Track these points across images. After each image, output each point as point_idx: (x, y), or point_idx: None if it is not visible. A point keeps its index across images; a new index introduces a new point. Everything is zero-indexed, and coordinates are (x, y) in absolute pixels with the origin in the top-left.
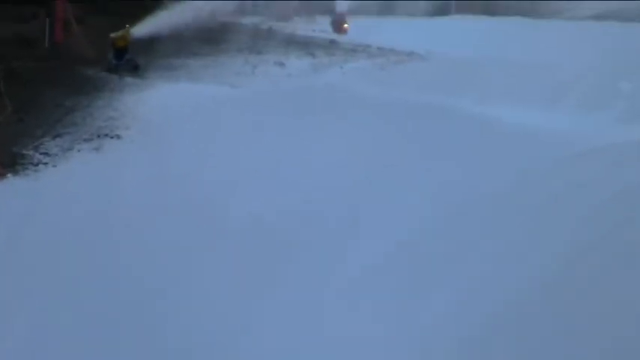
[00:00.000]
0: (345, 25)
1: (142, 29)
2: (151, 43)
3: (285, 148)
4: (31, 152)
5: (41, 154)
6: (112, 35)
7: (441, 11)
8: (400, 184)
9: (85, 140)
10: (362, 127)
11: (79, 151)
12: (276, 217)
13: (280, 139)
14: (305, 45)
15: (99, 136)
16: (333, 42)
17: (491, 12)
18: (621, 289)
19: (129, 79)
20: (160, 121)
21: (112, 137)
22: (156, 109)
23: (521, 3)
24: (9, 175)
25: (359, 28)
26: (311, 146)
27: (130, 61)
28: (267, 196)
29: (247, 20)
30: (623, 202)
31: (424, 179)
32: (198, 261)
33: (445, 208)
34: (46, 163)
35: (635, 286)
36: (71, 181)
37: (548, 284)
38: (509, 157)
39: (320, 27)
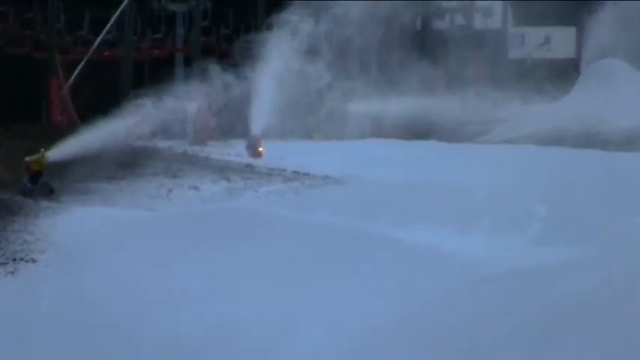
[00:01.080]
0: (261, 149)
1: (57, 153)
2: (66, 166)
3: (198, 273)
4: None
5: None
6: (27, 159)
7: (357, 135)
8: (315, 308)
9: (1, 264)
10: (276, 251)
11: None
12: (187, 342)
13: (193, 263)
14: (220, 169)
15: (14, 260)
16: (248, 166)
17: (406, 136)
18: None
19: (44, 203)
20: (75, 245)
21: (27, 261)
22: (71, 233)
23: (435, 127)
24: None
25: (274, 152)
26: (224, 270)
27: (45, 184)
28: (180, 320)
29: (163, 144)
30: (534, 326)
31: (339, 302)
32: None
33: (360, 331)
34: None
35: None
36: None
37: None
38: (423, 280)
39: (235, 150)
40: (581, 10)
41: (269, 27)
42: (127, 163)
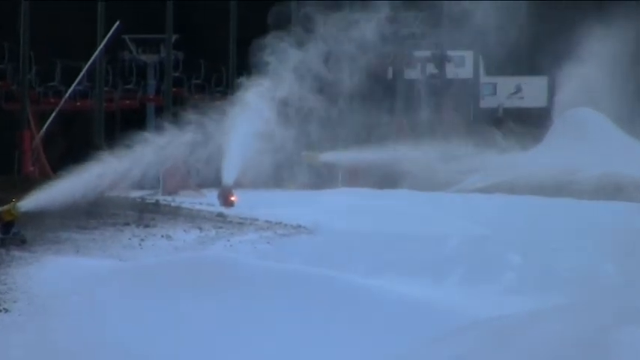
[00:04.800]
0: (233, 198)
1: (29, 203)
2: (38, 216)
3: (170, 322)
4: None
5: None
6: None
7: (329, 184)
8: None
9: None
10: (248, 300)
11: None
12: None
13: (165, 314)
14: (192, 218)
15: None
16: (220, 215)
17: (378, 184)
18: None
19: (16, 253)
20: (48, 294)
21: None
22: (43, 282)
23: (406, 176)
24: None
25: (247, 201)
26: (196, 320)
27: (17, 234)
28: None
29: (135, 194)
30: None
31: (311, 352)
32: None
33: None
34: None
35: None
36: None
37: None
38: (396, 329)
39: (207, 200)
40: (553, 60)
41: (240, 77)
42: (99, 213)
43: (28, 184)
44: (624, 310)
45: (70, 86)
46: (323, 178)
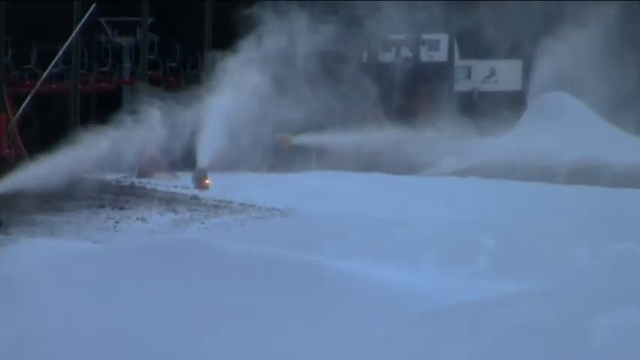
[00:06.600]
0: (207, 181)
1: (4, 185)
2: (13, 199)
3: (143, 304)
4: None
5: None
6: None
7: (302, 167)
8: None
9: None
10: (222, 282)
11: None
12: None
13: (139, 296)
14: (167, 201)
15: None
16: (194, 198)
17: (351, 167)
18: None
19: None
20: (22, 276)
21: None
22: (18, 264)
23: (382, 159)
24: None
25: (221, 184)
26: (170, 303)
27: None
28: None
29: (110, 176)
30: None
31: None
32: None
33: None
34: None
35: None
36: None
37: None
38: (369, 313)
39: (182, 183)
40: (528, 44)
41: (215, 61)
42: (74, 196)
43: (3, 167)
44: (598, 295)
45: (45, 69)
46: (296, 160)
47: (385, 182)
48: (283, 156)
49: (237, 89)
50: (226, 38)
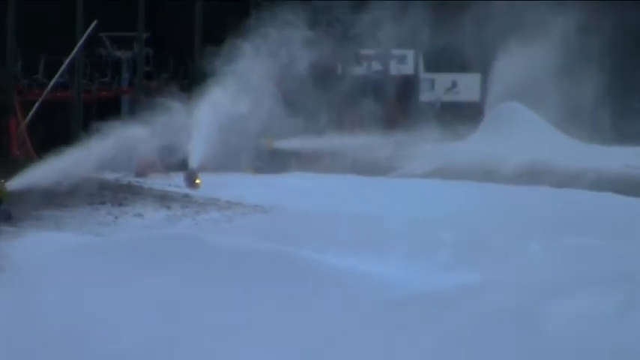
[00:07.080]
0: (198, 181)
1: (16, 183)
2: (22, 195)
3: (139, 292)
4: None
5: None
6: None
7: (284, 168)
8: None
9: None
10: (210, 272)
11: None
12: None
13: (135, 284)
14: (161, 198)
15: None
16: (186, 196)
17: (327, 169)
18: None
19: (2, 228)
20: (30, 264)
21: None
22: (27, 254)
23: (356, 162)
24: None
25: (210, 183)
26: (163, 290)
27: (4, 211)
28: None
29: (110, 176)
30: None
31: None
32: None
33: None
34: None
35: None
36: None
37: None
38: (343, 300)
39: (174, 182)
40: (486, 58)
41: (204, 72)
42: (79, 193)
43: (14, 166)
44: (550, 285)
45: (52, 79)
46: (278, 163)
47: (359, 183)
48: (267, 158)
49: (224, 97)
50: (215, 51)
